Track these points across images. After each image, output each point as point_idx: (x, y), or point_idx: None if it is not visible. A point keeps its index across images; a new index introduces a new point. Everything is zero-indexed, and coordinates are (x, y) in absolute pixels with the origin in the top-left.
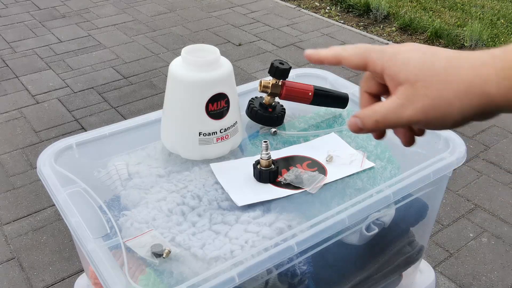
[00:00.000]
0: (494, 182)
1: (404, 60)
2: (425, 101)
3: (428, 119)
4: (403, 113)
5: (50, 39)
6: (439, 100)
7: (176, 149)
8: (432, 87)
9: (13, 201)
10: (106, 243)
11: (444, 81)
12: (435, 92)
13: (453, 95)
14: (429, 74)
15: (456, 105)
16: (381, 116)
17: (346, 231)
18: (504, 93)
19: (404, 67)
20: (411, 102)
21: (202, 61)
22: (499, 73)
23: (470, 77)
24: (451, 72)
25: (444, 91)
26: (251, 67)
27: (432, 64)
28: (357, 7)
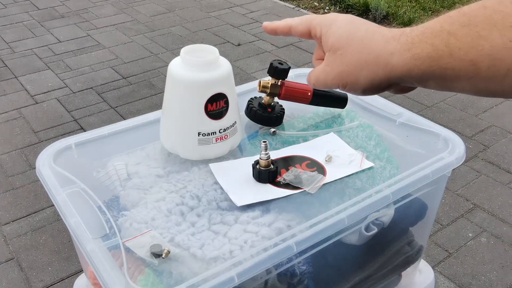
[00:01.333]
0: (493, 182)
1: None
2: (340, 67)
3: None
4: (327, 78)
5: (49, 39)
6: (351, 67)
7: (175, 149)
8: (348, 55)
9: (12, 202)
10: (105, 243)
11: (358, 51)
12: (349, 60)
13: (363, 64)
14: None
15: (364, 73)
16: (315, 77)
17: (345, 231)
18: (403, 64)
19: (332, 35)
20: (332, 67)
21: (201, 61)
22: (403, 47)
23: (379, 49)
24: (365, 43)
25: (356, 60)
26: (250, 67)
27: (352, 35)
28: (356, 7)
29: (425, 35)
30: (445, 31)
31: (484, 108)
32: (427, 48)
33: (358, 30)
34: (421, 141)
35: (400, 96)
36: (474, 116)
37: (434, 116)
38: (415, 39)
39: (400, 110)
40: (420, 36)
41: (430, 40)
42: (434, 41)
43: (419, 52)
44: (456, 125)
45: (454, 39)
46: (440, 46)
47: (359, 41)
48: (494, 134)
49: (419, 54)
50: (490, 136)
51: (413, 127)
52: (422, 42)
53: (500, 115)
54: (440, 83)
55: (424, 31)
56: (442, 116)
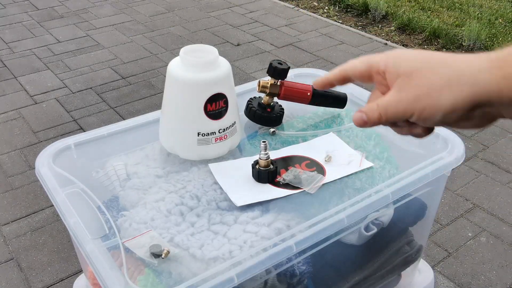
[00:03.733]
0: (493, 181)
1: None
2: (416, 90)
3: (420, 108)
4: (399, 105)
5: (49, 39)
6: (430, 88)
7: (175, 149)
8: (425, 76)
9: (11, 202)
10: (104, 243)
11: (437, 70)
12: (428, 81)
13: (445, 83)
14: (424, 65)
15: (447, 93)
16: (383, 108)
17: (345, 231)
18: (494, 83)
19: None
20: (405, 93)
21: (201, 61)
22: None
23: (462, 67)
24: (445, 62)
25: (437, 80)
26: (249, 67)
27: (428, 57)
28: (355, 7)
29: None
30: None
31: None
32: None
33: (435, 54)
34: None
35: None
36: None
37: None
38: (508, 57)
39: None
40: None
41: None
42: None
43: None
44: None
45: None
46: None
47: (437, 61)
48: (494, 134)
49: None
50: (490, 136)
51: None
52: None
53: None
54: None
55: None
56: None
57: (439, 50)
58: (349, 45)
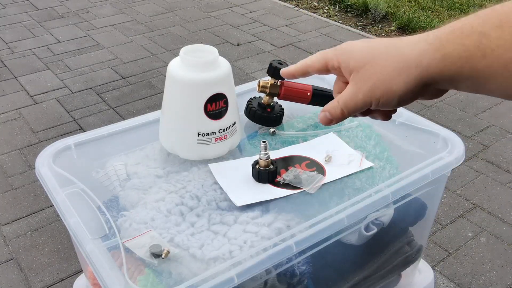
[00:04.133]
0: (493, 181)
1: (352, 50)
2: (369, 82)
3: (376, 97)
4: (357, 98)
5: (49, 39)
6: (382, 76)
7: (175, 149)
8: (375, 67)
9: (11, 202)
10: (104, 243)
11: (385, 59)
12: (378, 71)
13: (393, 70)
14: (372, 57)
15: (397, 79)
16: (343, 104)
17: (345, 231)
18: (435, 64)
19: (352, 56)
20: (360, 86)
21: (201, 61)
22: (432, 46)
23: (408, 52)
24: (391, 50)
25: (386, 68)
26: (249, 67)
27: (374, 48)
28: (355, 7)
29: (455, 34)
30: (477, 32)
31: (483, 108)
32: (457, 48)
33: (380, 43)
34: (420, 141)
35: None
36: (473, 116)
37: (434, 116)
38: (444, 39)
39: (400, 110)
40: (449, 35)
41: (461, 40)
42: (465, 41)
43: (450, 52)
44: (455, 125)
45: (487, 40)
46: (472, 47)
47: (384, 50)
48: (494, 134)
49: (450, 54)
50: (490, 136)
51: (413, 127)
52: (452, 42)
53: (500, 115)
54: (472, 84)
55: (453, 31)
56: (442, 116)
57: None
58: None
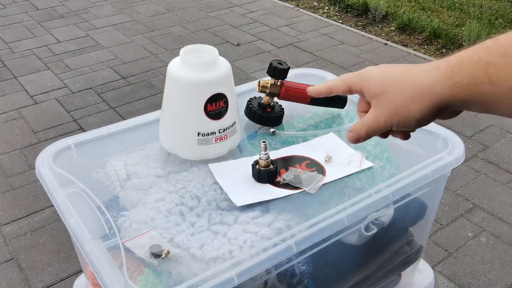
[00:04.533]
0: (493, 181)
1: (373, 78)
2: (389, 108)
3: (396, 121)
4: (379, 121)
5: (49, 39)
6: (399, 105)
7: (175, 149)
8: (393, 94)
9: (11, 202)
10: (104, 243)
11: (401, 88)
12: (395, 99)
13: (409, 99)
14: (390, 85)
15: (413, 106)
16: (367, 126)
17: (345, 231)
18: (448, 91)
19: (373, 84)
20: (381, 111)
21: (201, 61)
22: (444, 76)
23: (421, 80)
24: (406, 79)
25: (402, 97)
26: (249, 67)
27: (392, 76)
28: (355, 7)
29: (463, 64)
30: (483, 61)
31: None
32: (467, 76)
33: (396, 71)
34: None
35: None
36: (473, 115)
37: None
38: (455, 68)
39: None
40: (459, 65)
41: (469, 69)
42: (473, 70)
43: (460, 80)
44: (455, 125)
45: (493, 68)
46: (480, 75)
47: (401, 78)
48: (494, 134)
49: (460, 82)
50: (490, 136)
51: None
52: (461, 71)
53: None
54: (482, 107)
55: (463, 60)
56: None
57: (439, 50)
58: (349, 45)
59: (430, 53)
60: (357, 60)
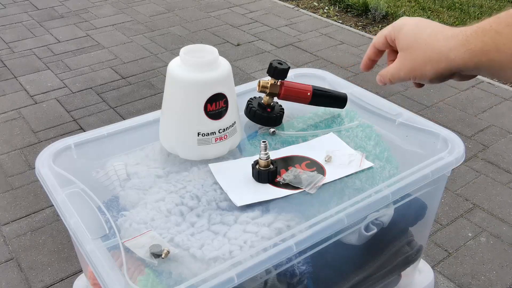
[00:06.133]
0: (493, 181)
1: (404, 31)
2: (410, 64)
3: (413, 76)
4: (400, 73)
5: (49, 39)
6: (418, 64)
7: (175, 149)
8: (415, 54)
9: (11, 202)
10: (104, 243)
11: (423, 49)
12: (416, 58)
13: (428, 60)
14: (415, 44)
15: (429, 67)
16: (390, 74)
17: (345, 231)
18: (460, 58)
19: (403, 37)
20: (403, 64)
21: (201, 61)
22: (459, 43)
23: (440, 46)
24: (429, 42)
25: (422, 57)
26: (249, 67)
27: (418, 36)
28: (355, 7)
29: (477, 33)
30: (493, 30)
31: (483, 108)
32: (478, 44)
33: (424, 32)
34: (420, 141)
35: (399, 96)
36: (473, 116)
37: (434, 116)
38: (470, 37)
39: (400, 110)
40: (473, 34)
41: (481, 38)
42: (484, 38)
43: (472, 48)
44: (455, 125)
45: (500, 36)
46: (489, 42)
47: (424, 41)
48: (494, 134)
49: (472, 49)
50: (490, 136)
51: (413, 127)
52: (474, 39)
53: (500, 115)
54: (490, 72)
55: (477, 30)
56: (442, 116)
57: None
58: (349, 45)
59: None
60: (357, 60)
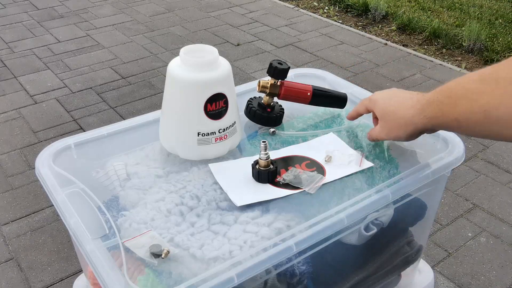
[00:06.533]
0: (493, 181)
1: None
2: (386, 129)
3: (392, 137)
4: (381, 135)
5: (49, 39)
6: (391, 130)
7: (175, 149)
8: (388, 123)
9: (11, 202)
10: (104, 243)
11: (393, 119)
12: (390, 125)
13: (399, 126)
14: (387, 115)
15: (401, 131)
16: (375, 136)
17: (345, 231)
18: (421, 122)
19: (377, 110)
20: (382, 129)
21: (201, 61)
22: (418, 111)
23: (405, 115)
24: (397, 113)
25: (394, 124)
26: (249, 67)
27: (388, 109)
28: (355, 7)
29: (429, 102)
30: (439, 101)
31: None
32: (430, 111)
33: (392, 105)
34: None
35: None
36: None
37: None
38: (424, 106)
39: None
40: (427, 104)
41: (432, 107)
42: (433, 107)
43: (426, 115)
44: None
45: (443, 106)
46: (436, 110)
47: (393, 112)
48: None
49: (427, 115)
50: None
51: None
52: (428, 108)
53: None
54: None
55: (429, 100)
56: None
57: (439, 50)
58: (349, 45)
59: (430, 53)
60: (357, 60)
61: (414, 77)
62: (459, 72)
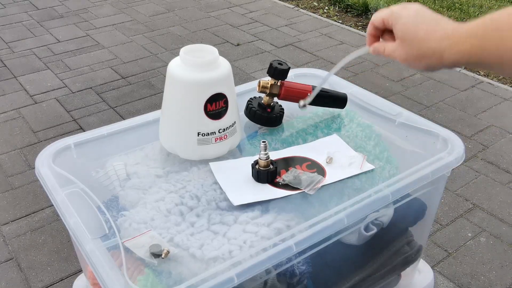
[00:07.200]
0: (493, 182)
1: (401, 22)
2: (405, 54)
3: (406, 64)
4: (394, 54)
5: (48, 39)
6: (413, 57)
7: (175, 149)
8: (410, 48)
9: (11, 202)
10: (104, 243)
11: (418, 47)
12: (411, 51)
13: (422, 56)
14: (411, 39)
15: (422, 62)
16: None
17: (344, 231)
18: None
19: (399, 28)
20: (398, 50)
21: (201, 61)
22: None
23: (434, 46)
24: (425, 40)
25: (417, 52)
26: (249, 67)
27: (414, 32)
28: (355, 7)
29: (466, 35)
30: (480, 34)
31: (483, 108)
32: (467, 46)
33: (420, 28)
34: (420, 141)
35: (399, 96)
36: (473, 116)
37: (434, 116)
38: (460, 39)
39: (400, 110)
40: (463, 36)
41: (469, 40)
42: (472, 41)
43: (462, 49)
44: (455, 125)
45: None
46: (476, 45)
47: (421, 38)
48: (494, 134)
49: (462, 51)
50: (489, 136)
51: (413, 127)
52: (464, 41)
53: (500, 115)
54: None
55: (469, 32)
56: (442, 116)
57: None
58: (349, 45)
59: None
60: (357, 60)
61: (414, 77)
62: (459, 71)
